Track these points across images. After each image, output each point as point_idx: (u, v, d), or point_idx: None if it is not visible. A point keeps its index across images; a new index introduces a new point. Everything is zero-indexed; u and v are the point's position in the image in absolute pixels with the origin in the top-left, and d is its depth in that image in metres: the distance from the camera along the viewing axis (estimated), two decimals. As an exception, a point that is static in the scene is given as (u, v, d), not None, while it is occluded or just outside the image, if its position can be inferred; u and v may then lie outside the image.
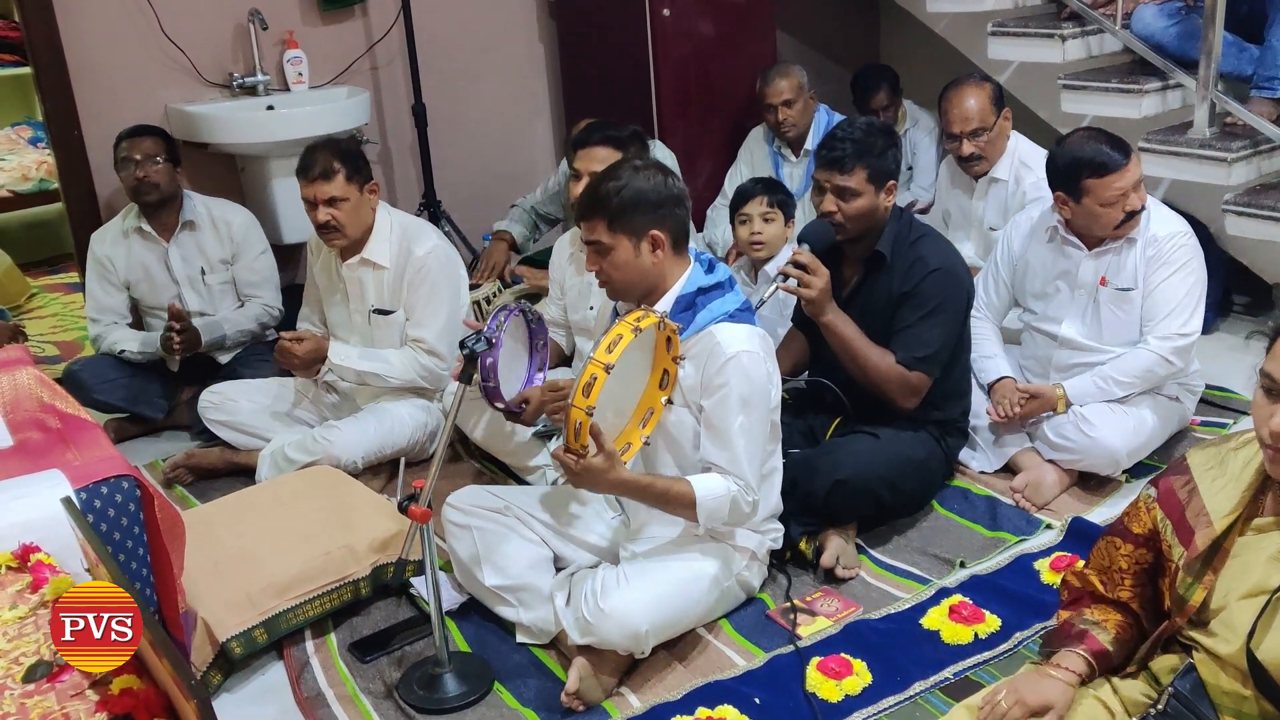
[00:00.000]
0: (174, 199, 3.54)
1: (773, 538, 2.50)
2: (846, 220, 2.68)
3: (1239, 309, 3.97)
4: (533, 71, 4.71)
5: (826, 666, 2.26)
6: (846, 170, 2.64)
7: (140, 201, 3.51)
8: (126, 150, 3.47)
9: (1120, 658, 1.78)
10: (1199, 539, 1.64)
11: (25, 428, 2.27)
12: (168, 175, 3.49)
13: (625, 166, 2.33)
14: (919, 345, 2.67)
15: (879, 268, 2.73)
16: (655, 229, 2.28)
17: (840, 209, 2.67)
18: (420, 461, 3.26)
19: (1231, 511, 1.62)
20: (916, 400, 2.70)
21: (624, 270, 2.30)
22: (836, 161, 2.65)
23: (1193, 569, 1.65)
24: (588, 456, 2.13)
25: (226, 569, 2.46)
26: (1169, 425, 2.98)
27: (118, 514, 1.98)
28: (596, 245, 2.29)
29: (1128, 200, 2.78)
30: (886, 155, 2.67)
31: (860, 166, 2.64)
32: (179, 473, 3.26)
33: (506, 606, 2.43)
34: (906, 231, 2.74)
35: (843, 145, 2.65)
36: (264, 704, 2.33)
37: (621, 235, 2.27)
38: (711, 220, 4.26)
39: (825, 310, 2.65)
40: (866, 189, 2.65)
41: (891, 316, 2.70)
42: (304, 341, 3.14)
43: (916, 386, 2.69)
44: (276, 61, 4.07)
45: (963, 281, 2.75)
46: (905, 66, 4.79)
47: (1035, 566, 2.57)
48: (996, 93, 3.44)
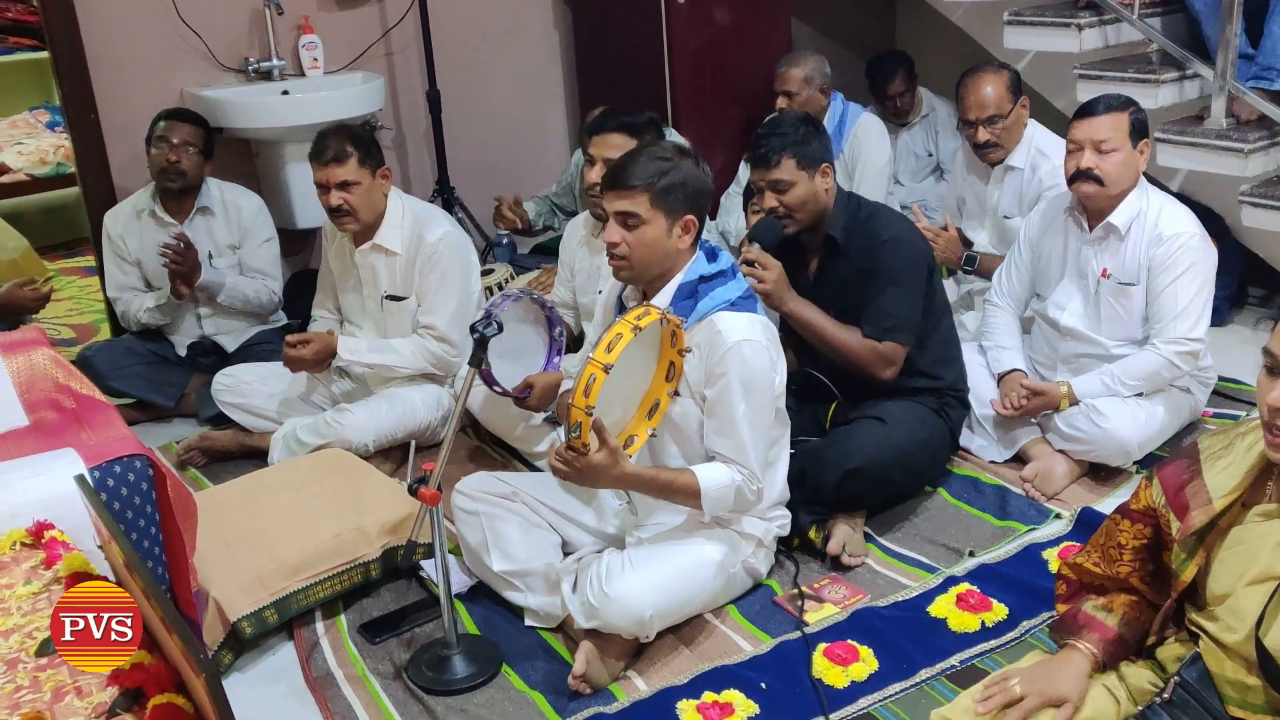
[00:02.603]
0: (195, 187, 3.57)
1: (780, 524, 2.51)
2: (790, 212, 2.71)
3: (1254, 301, 3.95)
4: (547, 58, 4.71)
5: (833, 653, 2.27)
6: (774, 164, 2.68)
7: (162, 184, 3.53)
8: (164, 130, 3.49)
9: (1135, 638, 1.77)
10: (1196, 515, 1.64)
11: (40, 407, 2.29)
12: (196, 165, 3.52)
13: (671, 148, 2.35)
14: (883, 317, 2.70)
15: (836, 251, 2.76)
16: (690, 214, 2.29)
17: (781, 202, 2.70)
18: (431, 445, 3.27)
19: (1231, 491, 1.62)
20: (893, 370, 2.72)
21: (650, 248, 2.29)
22: (763, 159, 2.70)
23: (1186, 544, 1.66)
24: (590, 454, 2.14)
25: (238, 550, 2.48)
26: (1180, 417, 2.97)
27: (130, 493, 2.00)
28: (629, 217, 2.27)
29: (1082, 154, 2.80)
30: (811, 142, 2.70)
31: (786, 157, 2.67)
32: (192, 455, 3.29)
33: (514, 591, 2.45)
34: (856, 209, 2.78)
35: (766, 141, 2.70)
36: (274, 684, 2.35)
37: (659, 212, 2.27)
38: (725, 209, 4.26)
39: (784, 300, 2.69)
40: (799, 176, 2.68)
41: (859, 294, 2.73)
42: (310, 343, 3.16)
43: (889, 356, 2.71)
44: (292, 47, 4.08)
45: (917, 246, 2.77)
46: (921, 56, 4.76)
47: (1044, 556, 2.57)
48: (1014, 80, 3.42)
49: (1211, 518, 1.63)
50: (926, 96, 4.59)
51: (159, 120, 3.52)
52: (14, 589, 1.70)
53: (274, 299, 3.71)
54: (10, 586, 1.71)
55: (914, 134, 4.58)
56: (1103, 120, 2.80)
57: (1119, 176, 2.81)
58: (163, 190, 3.55)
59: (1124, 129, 2.79)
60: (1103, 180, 2.80)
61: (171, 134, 3.48)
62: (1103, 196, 2.83)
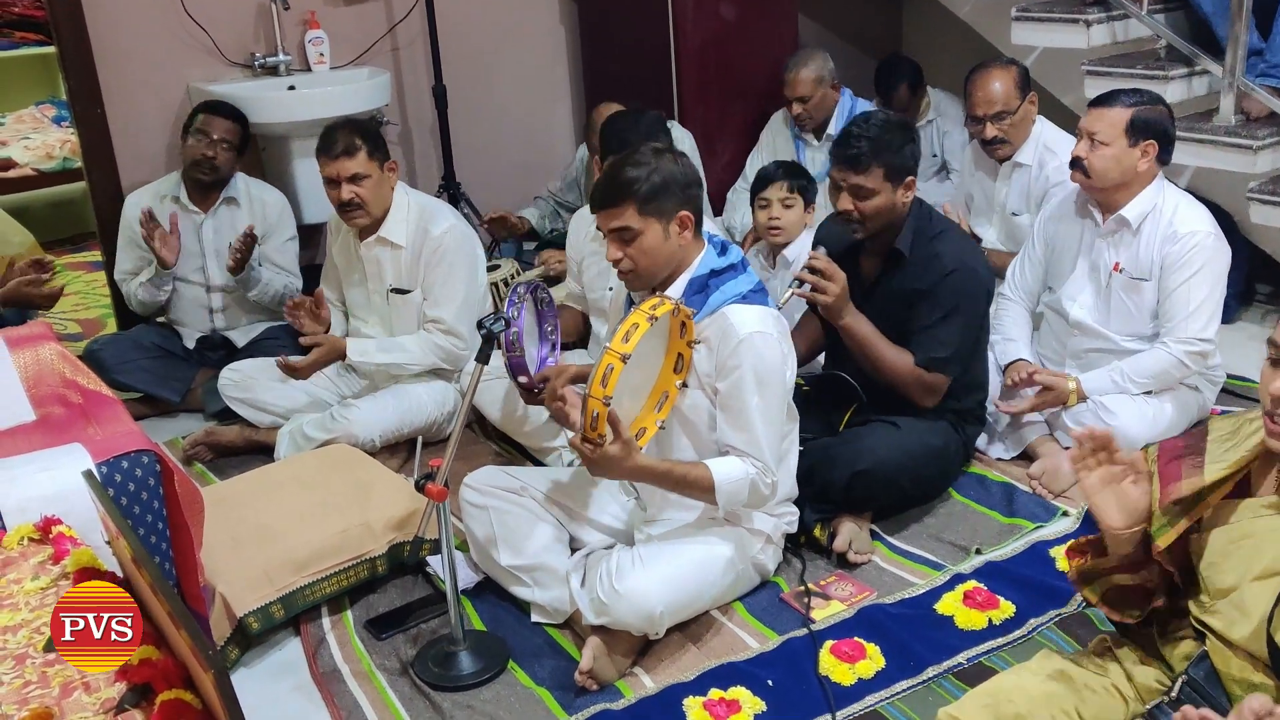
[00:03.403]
0: (225, 181, 3.58)
1: (788, 521, 2.50)
2: (864, 219, 2.64)
3: (1261, 298, 3.93)
4: (553, 53, 4.70)
5: (840, 650, 2.27)
6: (862, 169, 2.59)
7: (193, 175, 3.54)
8: (203, 123, 3.50)
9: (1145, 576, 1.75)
10: (1183, 485, 1.64)
11: (47, 402, 2.29)
12: (230, 162, 3.55)
13: (645, 151, 2.32)
14: (937, 346, 2.64)
15: (897, 264, 2.70)
16: (684, 210, 2.28)
17: (857, 208, 2.63)
18: (437, 441, 3.27)
19: (1225, 470, 1.63)
20: (935, 400, 2.69)
21: (652, 255, 2.28)
22: (852, 160, 2.60)
23: (1169, 510, 1.65)
24: (605, 445, 2.14)
25: (245, 545, 2.48)
26: (1188, 415, 2.96)
27: (138, 488, 2.00)
28: (622, 232, 2.27)
29: (1080, 143, 2.81)
30: (904, 151, 2.62)
31: (877, 164, 2.58)
32: (199, 450, 3.29)
33: (522, 586, 2.44)
34: (926, 226, 2.70)
35: (859, 143, 2.59)
36: (280, 679, 2.35)
37: (651, 218, 2.26)
38: (731, 204, 4.25)
39: (843, 314, 2.62)
40: (884, 187, 2.61)
41: (910, 312, 2.68)
42: (319, 348, 3.15)
43: (934, 387, 2.67)
44: (298, 42, 4.07)
45: (981, 280, 2.72)
46: (927, 52, 4.75)
47: (1051, 554, 2.57)
48: (1022, 77, 3.41)
49: (1197, 490, 1.63)
50: (934, 97, 4.57)
51: (198, 112, 3.53)
52: (22, 584, 1.70)
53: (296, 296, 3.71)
54: (18, 582, 1.71)
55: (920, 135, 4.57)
56: (1099, 113, 2.81)
57: (1105, 171, 2.80)
58: (193, 181, 3.56)
59: (1119, 125, 2.77)
60: (1088, 172, 2.80)
61: (210, 128, 3.49)
62: (1091, 188, 2.84)
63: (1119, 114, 2.78)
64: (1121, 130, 2.77)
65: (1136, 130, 2.78)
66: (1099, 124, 2.79)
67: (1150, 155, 2.81)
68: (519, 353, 2.53)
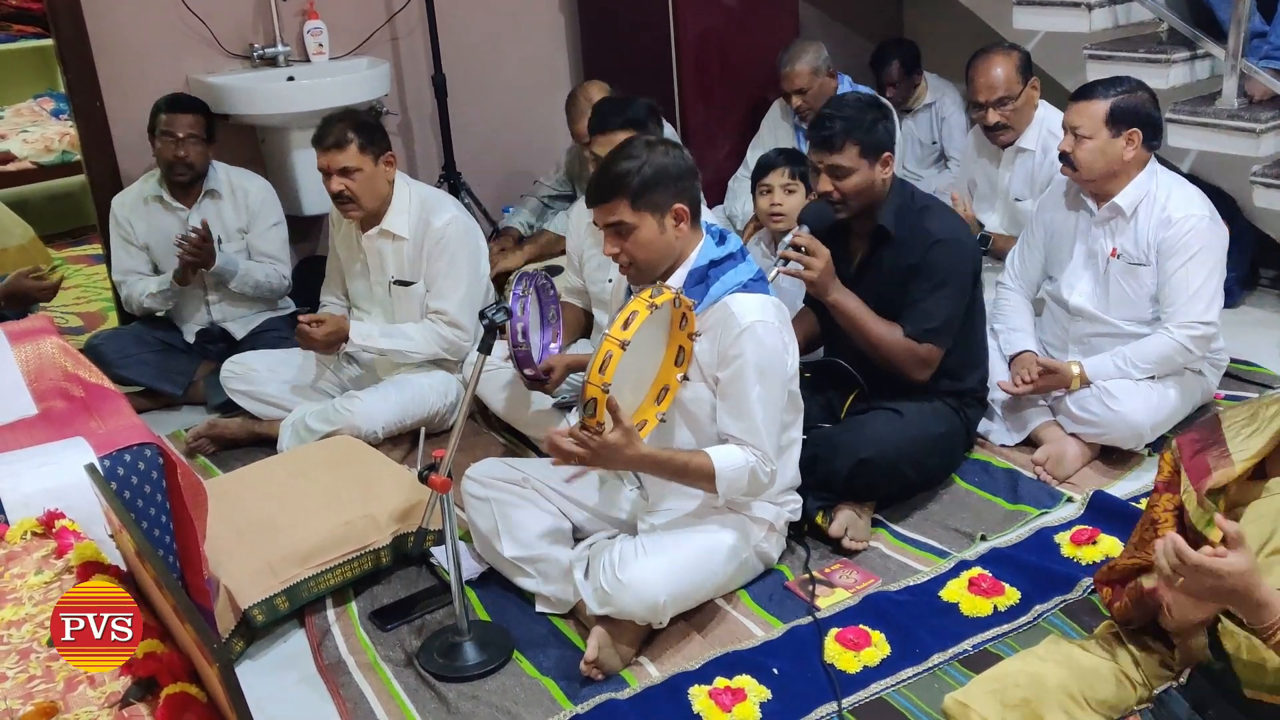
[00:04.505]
0: (202, 174, 3.57)
1: (791, 509, 2.50)
2: (845, 198, 2.65)
3: (1265, 282, 3.92)
4: (553, 43, 4.69)
5: (845, 638, 2.26)
6: (837, 148, 2.61)
7: (171, 178, 3.54)
8: (166, 125, 3.48)
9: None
10: (1216, 476, 1.65)
11: (49, 396, 2.29)
12: (202, 156, 3.53)
13: (637, 144, 2.31)
14: (926, 318, 2.65)
15: (884, 241, 2.70)
16: (678, 202, 2.27)
17: (837, 188, 2.64)
18: (440, 432, 3.26)
19: (1254, 455, 1.63)
20: (929, 372, 2.69)
21: (649, 248, 2.28)
22: (827, 141, 2.62)
23: (1206, 504, 1.65)
24: (605, 433, 2.13)
25: (249, 537, 2.48)
26: (1192, 399, 2.95)
27: (141, 481, 2.00)
28: (618, 227, 2.26)
29: (1065, 137, 2.81)
30: (877, 128, 2.63)
31: (851, 142, 2.60)
32: (201, 442, 3.29)
33: (525, 577, 2.44)
34: (910, 202, 2.71)
35: (831, 123, 2.61)
36: (285, 671, 2.35)
37: (646, 213, 2.25)
38: (732, 192, 4.24)
39: (829, 290, 2.64)
40: (860, 164, 2.62)
41: (902, 290, 2.68)
42: (324, 324, 3.16)
43: (926, 359, 2.67)
44: (297, 32, 4.06)
45: (968, 251, 2.73)
46: (929, 38, 4.73)
47: (1056, 540, 2.56)
48: (1024, 61, 3.40)
49: (1231, 479, 1.63)
50: (933, 83, 4.54)
51: (159, 112, 3.50)
52: (25, 578, 1.70)
53: (284, 283, 3.71)
54: (22, 576, 1.71)
55: (918, 121, 4.54)
56: (1079, 106, 2.80)
57: (1091, 164, 2.79)
58: (172, 181, 3.55)
59: (1099, 117, 2.76)
60: (1075, 166, 2.79)
61: (174, 127, 3.47)
62: (1082, 180, 2.84)
63: (1098, 106, 2.77)
64: (1102, 122, 2.76)
65: (1117, 120, 2.76)
66: (1079, 118, 2.78)
67: (1135, 143, 2.78)
68: (524, 346, 2.53)
